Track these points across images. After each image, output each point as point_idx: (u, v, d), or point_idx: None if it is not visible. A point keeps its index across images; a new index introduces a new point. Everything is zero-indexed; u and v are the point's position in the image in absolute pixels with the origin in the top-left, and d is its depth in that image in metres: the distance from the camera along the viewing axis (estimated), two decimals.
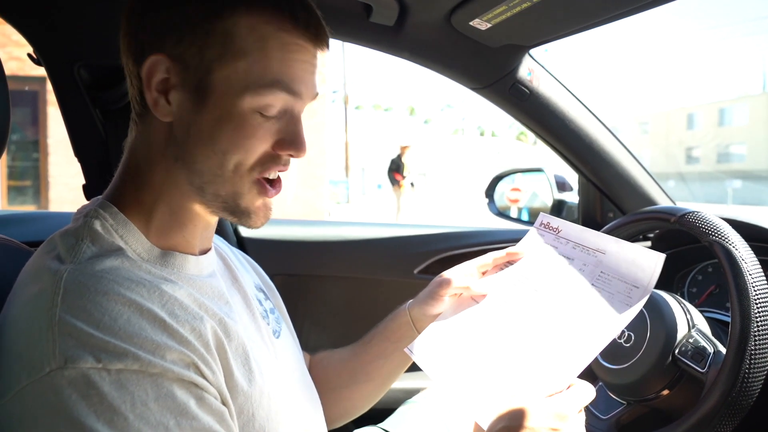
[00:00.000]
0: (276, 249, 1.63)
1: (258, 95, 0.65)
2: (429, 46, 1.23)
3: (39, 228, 1.37)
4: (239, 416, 0.65)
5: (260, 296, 0.89)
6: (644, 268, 0.81)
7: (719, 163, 32.73)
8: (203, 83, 0.66)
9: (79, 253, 0.63)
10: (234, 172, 0.68)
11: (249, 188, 0.69)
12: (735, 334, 0.84)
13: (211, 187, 0.68)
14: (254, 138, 0.67)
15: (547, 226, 0.94)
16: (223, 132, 0.66)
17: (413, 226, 1.78)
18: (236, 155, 0.67)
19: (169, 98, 0.67)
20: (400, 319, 0.96)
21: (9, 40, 6.16)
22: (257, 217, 0.71)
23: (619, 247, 0.84)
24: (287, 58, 0.67)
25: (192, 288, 0.68)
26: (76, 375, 0.54)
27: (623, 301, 0.79)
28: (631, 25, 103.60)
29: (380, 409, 1.41)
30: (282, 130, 0.69)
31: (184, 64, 0.66)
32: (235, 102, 0.65)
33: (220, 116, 0.66)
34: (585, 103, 1.39)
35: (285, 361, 0.83)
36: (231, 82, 0.65)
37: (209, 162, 0.67)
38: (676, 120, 35.35)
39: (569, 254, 0.89)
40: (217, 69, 0.65)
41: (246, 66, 0.65)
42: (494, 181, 1.91)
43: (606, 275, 0.83)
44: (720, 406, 0.82)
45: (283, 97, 0.67)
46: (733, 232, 0.92)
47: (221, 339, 0.65)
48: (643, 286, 0.79)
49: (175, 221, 0.70)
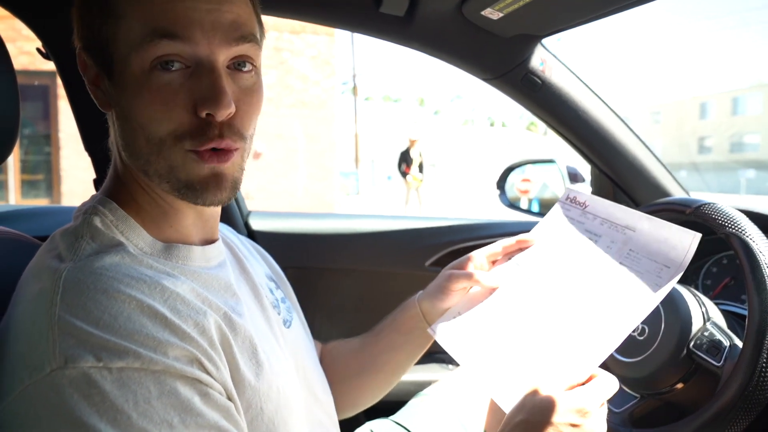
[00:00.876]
0: (286, 242, 1.63)
1: (142, 50, 0.61)
2: (440, 36, 1.22)
3: (52, 222, 1.38)
4: (247, 411, 0.65)
5: (271, 285, 0.88)
6: (677, 247, 0.77)
7: (732, 152, 32.36)
8: (106, 60, 0.64)
9: (78, 251, 0.62)
10: (161, 146, 0.63)
11: (183, 159, 0.64)
12: (752, 328, 0.82)
13: (150, 168, 0.65)
14: (160, 102, 0.61)
15: (574, 200, 0.91)
16: (132, 104, 0.63)
17: (424, 218, 1.77)
18: (153, 125, 0.62)
19: (102, 88, 0.67)
20: (409, 311, 0.95)
21: (19, 35, 6.18)
22: (206, 190, 0.65)
23: (650, 225, 0.81)
24: (166, 4, 0.61)
25: (196, 282, 0.67)
26: (77, 374, 0.53)
27: (653, 281, 0.76)
28: (644, 14, 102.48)
29: (391, 401, 1.41)
30: (195, 86, 0.62)
31: (90, 49, 0.65)
32: (128, 67, 0.62)
33: (124, 86, 0.63)
34: (597, 93, 1.37)
35: (296, 352, 0.83)
36: (120, 46, 0.62)
37: (137, 140, 0.64)
38: (689, 109, 34.97)
39: (596, 230, 0.86)
40: (109, 41, 0.63)
41: (126, 25, 0.61)
42: (506, 172, 1.89)
43: (635, 253, 0.80)
44: (736, 400, 0.81)
45: (171, 45, 0.60)
46: (749, 223, 0.90)
47: (226, 333, 0.64)
48: (675, 266, 0.75)
49: (159, 213, 0.69)
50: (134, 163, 0.67)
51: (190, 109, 0.62)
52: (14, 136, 0.78)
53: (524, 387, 0.72)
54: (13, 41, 0.93)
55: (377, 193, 20.37)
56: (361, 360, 0.98)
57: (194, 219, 0.72)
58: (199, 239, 0.73)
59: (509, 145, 28.94)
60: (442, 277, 0.92)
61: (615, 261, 0.81)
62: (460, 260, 0.93)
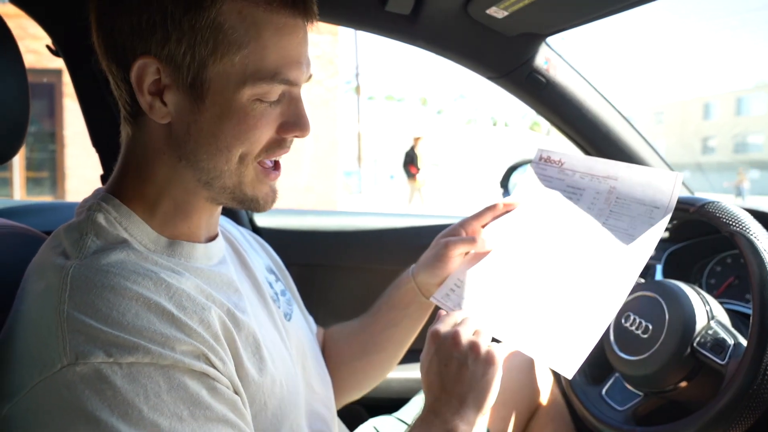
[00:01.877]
0: (290, 239, 1.64)
1: (257, 87, 0.64)
2: (445, 35, 1.22)
3: (58, 218, 1.38)
4: (251, 405, 0.66)
5: (271, 278, 0.89)
6: (662, 188, 0.79)
7: (736, 153, 32.26)
8: (198, 80, 0.63)
9: (84, 248, 0.63)
10: (240, 163, 0.67)
11: (253, 176, 0.69)
12: (756, 326, 0.83)
13: (218, 181, 0.68)
14: (257, 129, 0.66)
15: (548, 160, 0.91)
16: (225, 128, 0.64)
17: (427, 216, 1.78)
18: (241, 148, 0.66)
19: (164, 99, 0.64)
20: (405, 285, 0.96)
21: (26, 33, 6.20)
22: (266, 203, 0.72)
23: (630, 172, 0.82)
24: (283, 44, 0.64)
25: (199, 278, 0.68)
26: (88, 370, 0.54)
27: (647, 223, 0.77)
28: (647, 13, 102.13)
29: (395, 398, 1.42)
30: (284, 112, 0.68)
31: (175, 64, 0.63)
32: (234, 96, 0.63)
33: (221, 112, 0.64)
34: (602, 92, 1.37)
35: (297, 344, 0.83)
36: (228, 76, 0.63)
37: (215, 159, 0.66)
38: (693, 109, 34.86)
39: (579, 185, 0.86)
40: (211, 64, 0.63)
41: (242, 58, 0.63)
42: (509, 171, 1.89)
43: (623, 201, 0.81)
44: (740, 398, 0.81)
45: (282, 87, 0.66)
46: (754, 222, 0.90)
47: (229, 328, 0.65)
48: (664, 206, 0.77)
49: (179, 213, 0.70)
50: (198, 175, 0.67)
51: (275, 130, 0.68)
52: (23, 135, 0.79)
53: (555, 333, 0.74)
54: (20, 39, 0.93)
55: (380, 192, 20.36)
56: (362, 341, 0.98)
57: (207, 218, 0.73)
58: (205, 236, 0.74)
59: (512, 144, 28.89)
60: (438, 246, 0.91)
61: (605, 210, 0.82)
62: (451, 228, 0.93)
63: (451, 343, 0.73)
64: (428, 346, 0.75)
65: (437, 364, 0.73)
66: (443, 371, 0.72)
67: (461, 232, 0.91)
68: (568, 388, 1.12)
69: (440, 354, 0.73)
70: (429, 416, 0.72)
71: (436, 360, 0.73)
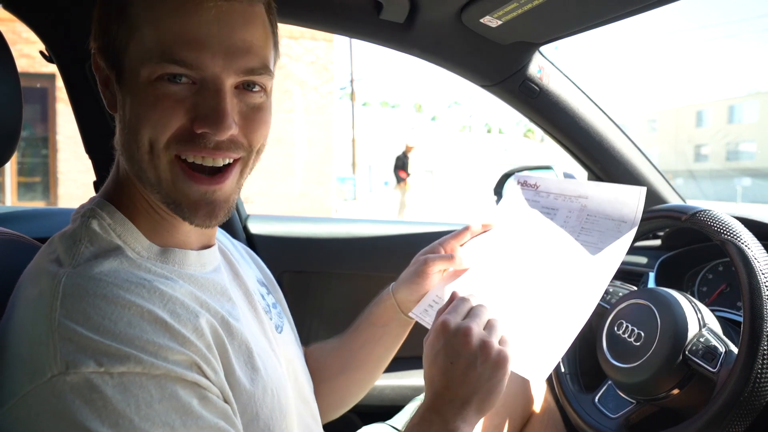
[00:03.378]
0: (283, 246, 1.64)
1: (150, 68, 0.62)
2: (439, 43, 1.23)
3: (50, 224, 1.38)
4: (242, 415, 0.65)
5: (262, 291, 0.88)
6: (628, 203, 0.85)
7: (729, 160, 32.49)
8: (117, 66, 0.65)
9: (77, 255, 0.62)
10: (151, 152, 0.64)
11: (170, 172, 0.64)
12: (747, 334, 0.83)
13: (143, 175, 0.66)
14: (158, 108, 0.62)
15: (525, 184, 0.97)
16: (132, 108, 0.64)
17: (421, 223, 1.78)
18: (146, 130, 0.63)
19: (111, 91, 0.68)
20: (384, 303, 0.96)
21: (19, 38, 6.20)
22: (193, 212, 0.66)
23: (599, 189, 0.88)
24: (180, 22, 0.61)
25: (193, 285, 0.67)
26: (79, 380, 0.54)
27: (615, 236, 0.83)
28: (640, 22, 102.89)
29: (388, 406, 1.41)
30: (198, 104, 0.63)
31: (102, 53, 0.67)
32: (137, 77, 0.63)
33: (131, 95, 0.64)
34: (594, 100, 1.38)
35: (287, 357, 0.83)
36: (132, 56, 0.63)
37: (130, 144, 0.65)
38: (686, 117, 35.10)
39: (553, 205, 0.92)
40: (122, 48, 0.64)
41: (140, 37, 0.63)
42: (503, 179, 1.90)
43: (593, 217, 0.87)
44: (731, 405, 0.81)
45: (179, 68, 0.62)
46: (745, 230, 0.91)
47: (221, 336, 0.65)
48: (630, 220, 0.83)
49: (158, 219, 0.70)
50: (130, 168, 0.67)
51: (188, 122, 0.63)
52: (16, 140, 0.79)
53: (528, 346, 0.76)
54: (13, 44, 0.94)
55: (374, 198, 20.37)
56: (342, 358, 0.98)
57: (190, 227, 0.71)
58: (197, 244, 0.74)
59: (506, 151, 28.98)
60: (417, 263, 0.93)
61: (577, 227, 0.87)
62: (431, 246, 0.95)
63: (461, 341, 0.70)
64: (436, 336, 0.72)
65: (443, 359, 0.71)
66: (449, 369, 0.70)
67: (440, 249, 0.93)
68: (562, 395, 1.13)
69: (448, 349, 0.70)
70: (429, 414, 0.70)
71: (443, 355, 0.71)
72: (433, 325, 0.74)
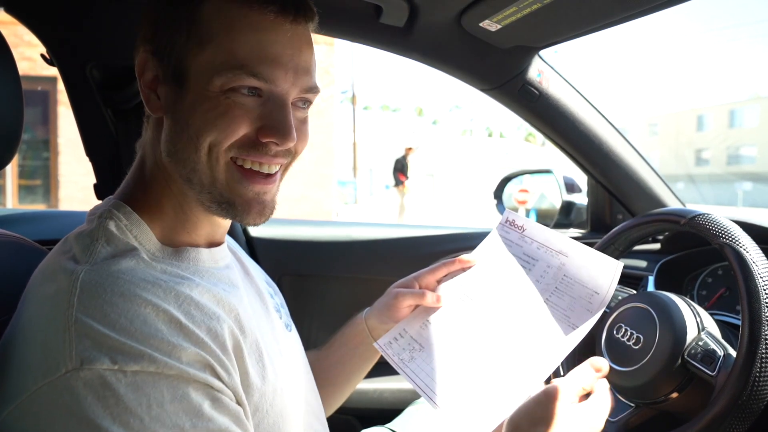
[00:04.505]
0: (284, 249, 1.64)
1: (226, 78, 0.64)
2: (439, 47, 1.24)
3: (51, 226, 1.38)
4: (254, 414, 0.66)
5: (271, 291, 0.89)
6: (603, 275, 0.82)
7: (729, 165, 32.48)
8: (179, 71, 0.66)
9: (94, 254, 0.63)
10: (209, 155, 0.66)
11: (227, 173, 0.67)
12: (745, 338, 0.83)
13: (195, 176, 0.67)
14: (227, 116, 0.65)
15: (513, 223, 0.94)
16: (196, 114, 0.66)
17: (421, 227, 1.78)
18: (209, 135, 0.66)
19: (158, 93, 0.68)
20: (357, 326, 0.98)
21: (21, 41, 6.21)
22: (246, 211, 0.69)
23: (580, 251, 0.85)
24: (257, 39, 0.65)
25: (208, 281, 0.68)
26: (92, 376, 0.54)
27: (584, 307, 0.80)
28: (641, 26, 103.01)
29: (387, 409, 1.41)
30: (265, 115, 0.67)
31: (161, 56, 0.67)
32: (207, 86, 0.65)
33: (195, 101, 0.66)
34: (594, 104, 1.39)
35: (295, 356, 0.84)
36: (203, 66, 0.65)
37: (187, 149, 0.67)
38: (686, 121, 35.11)
39: (533, 254, 0.89)
40: (189, 55, 0.66)
41: (214, 48, 0.65)
42: (503, 182, 1.91)
43: (568, 279, 0.84)
44: (730, 409, 0.81)
45: (254, 81, 0.65)
46: (743, 234, 0.91)
47: (238, 338, 0.65)
48: (603, 294, 0.80)
49: (179, 219, 0.71)
50: (179, 170, 0.68)
51: (252, 131, 0.67)
52: (17, 142, 0.79)
53: (470, 400, 0.75)
54: (15, 47, 0.94)
55: (375, 202, 20.37)
56: (315, 372, 0.98)
57: (210, 228, 0.74)
58: (212, 242, 0.75)
59: (507, 155, 28.99)
60: (389, 295, 0.94)
61: (551, 285, 0.84)
62: (406, 279, 0.95)
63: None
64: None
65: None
66: None
67: (415, 284, 0.93)
68: None
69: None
70: None
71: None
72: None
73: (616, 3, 1.01)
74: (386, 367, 1.27)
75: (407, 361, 0.85)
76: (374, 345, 0.90)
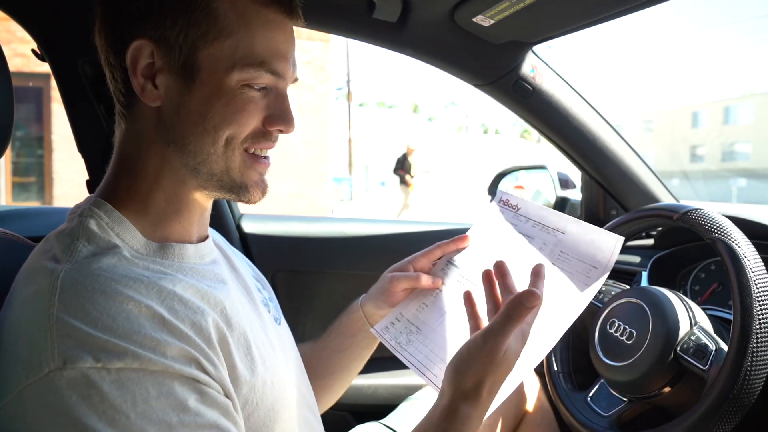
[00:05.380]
0: (278, 245, 1.64)
1: (245, 73, 0.66)
2: (432, 42, 1.23)
3: (43, 223, 1.38)
4: (244, 407, 0.65)
5: (258, 285, 0.89)
6: (603, 249, 0.81)
7: (724, 161, 32.58)
8: (189, 63, 0.66)
9: (75, 253, 0.62)
10: (226, 147, 0.68)
11: (241, 161, 0.70)
12: (737, 332, 0.84)
13: (205, 167, 0.69)
14: (245, 111, 0.68)
15: (506, 203, 0.94)
16: (213, 108, 0.67)
17: (416, 222, 1.78)
18: (228, 129, 0.68)
19: (156, 82, 0.67)
20: (353, 314, 0.98)
21: (14, 37, 6.17)
22: (254, 191, 0.73)
23: (578, 228, 0.85)
24: (271, 36, 0.68)
25: (193, 278, 0.68)
26: (76, 375, 0.54)
27: (582, 281, 0.80)
28: (635, 22, 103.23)
29: (382, 405, 1.41)
30: (270, 106, 0.70)
31: (168, 46, 0.66)
32: (224, 79, 0.66)
33: (210, 93, 0.66)
34: (588, 100, 1.39)
35: (285, 349, 0.84)
36: (218, 59, 0.66)
37: (202, 140, 0.67)
38: (681, 118, 35.21)
39: (529, 233, 0.89)
40: (203, 47, 0.65)
41: (232, 44, 0.66)
42: (497, 179, 1.91)
43: (565, 254, 0.84)
44: (721, 403, 0.82)
45: (271, 78, 0.69)
46: (736, 229, 0.91)
47: (223, 331, 0.65)
48: (602, 266, 0.80)
49: (171, 209, 0.70)
50: (186, 160, 0.68)
51: (260, 121, 0.70)
52: (8, 138, 0.79)
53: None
54: (7, 43, 0.94)
55: (371, 199, 20.37)
56: (312, 365, 0.98)
57: (199, 215, 0.74)
58: (196, 236, 0.75)
59: (503, 151, 29.03)
60: (384, 280, 0.94)
61: (548, 261, 0.84)
62: (401, 263, 0.95)
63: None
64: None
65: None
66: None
67: (409, 267, 0.93)
68: (554, 394, 1.13)
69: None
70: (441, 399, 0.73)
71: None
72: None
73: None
74: (381, 363, 1.28)
75: (405, 344, 0.85)
76: (371, 330, 0.90)
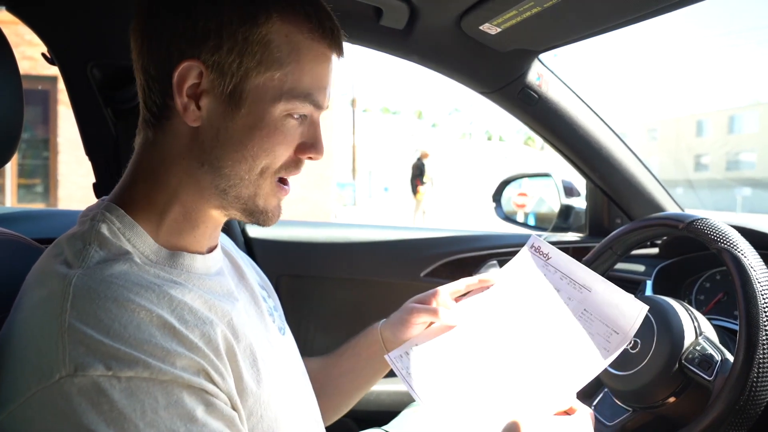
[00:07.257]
0: (282, 250, 1.64)
1: (290, 103, 0.67)
2: (438, 49, 1.24)
3: (49, 225, 1.38)
4: (249, 419, 0.65)
5: (264, 294, 0.89)
6: (627, 315, 0.80)
7: (729, 170, 32.47)
8: (238, 90, 0.66)
9: (87, 258, 0.62)
10: (260, 176, 0.69)
11: (269, 189, 0.71)
12: (743, 342, 0.83)
13: (234, 190, 0.69)
14: (284, 144, 0.69)
15: (538, 249, 0.93)
16: (254, 138, 0.67)
17: (420, 229, 1.78)
18: (266, 160, 0.68)
19: (199, 104, 0.66)
20: (371, 337, 0.97)
21: (22, 40, 6.21)
22: (273, 217, 0.74)
23: (605, 288, 0.84)
24: (317, 70, 0.69)
25: (201, 288, 0.68)
26: (87, 383, 0.54)
27: (602, 345, 0.79)
28: (641, 31, 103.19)
29: (384, 411, 1.41)
30: (304, 134, 0.71)
31: (221, 72, 0.65)
32: (269, 109, 0.66)
33: (254, 122, 0.67)
34: (593, 108, 1.39)
35: (289, 360, 0.83)
36: (266, 89, 0.66)
37: (238, 166, 0.68)
38: (686, 127, 35.12)
39: (556, 284, 0.88)
40: (254, 76, 0.66)
41: (282, 75, 0.66)
42: (501, 186, 1.91)
43: (589, 314, 0.83)
44: (727, 414, 0.81)
45: (310, 108, 0.69)
46: (741, 239, 0.91)
47: (231, 343, 0.65)
48: (624, 333, 0.79)
49: (187, 222, 0.70)
50: (217, 182, 0.68)
51: (293, 149, 0.71)
52: (16, 141, 0.79)
53: (476, 423, 0.74)
54: (16, 46, 0.94)
55: (374, 204, 20.38)
56: (321, 381, 0.98)
57: (212, 229, 0.74)
58: (207, 247, 0.75)
59: (507, 159, 29.01)
60: (404, 310, 0.93)
61: (571, 317, 0.83)
62: (425, 294, 0.94)
63: None
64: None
65: None
66: None
67: (431, 300, 0.93)
68: None
69: None
70: None
71: None
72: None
73: (616, 7, 1.02)
74: None
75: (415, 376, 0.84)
76: (385, 357, 0.89)
